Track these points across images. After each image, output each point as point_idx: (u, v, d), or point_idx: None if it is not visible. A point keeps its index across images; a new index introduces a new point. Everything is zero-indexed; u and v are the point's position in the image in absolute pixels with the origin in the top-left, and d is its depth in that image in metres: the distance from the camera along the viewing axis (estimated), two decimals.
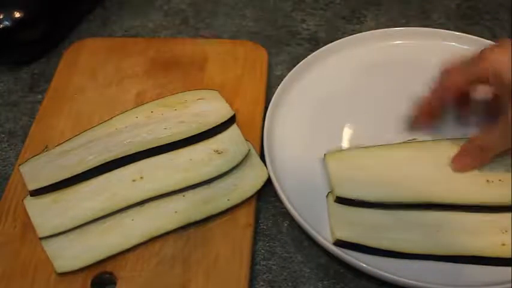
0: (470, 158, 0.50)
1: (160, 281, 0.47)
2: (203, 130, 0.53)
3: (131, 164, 0.52)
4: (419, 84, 0.60)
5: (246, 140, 0.54)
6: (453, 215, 0.49)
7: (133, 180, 0.51)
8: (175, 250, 0.49)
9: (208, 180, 0.52)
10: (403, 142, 0.54)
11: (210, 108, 0.55)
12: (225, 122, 0.54)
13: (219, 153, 0.53)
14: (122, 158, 0.52)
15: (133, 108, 0.57)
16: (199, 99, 0.56)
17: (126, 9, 0.74)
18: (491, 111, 0.51)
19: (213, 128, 0.54)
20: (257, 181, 0.52)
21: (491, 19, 0.69)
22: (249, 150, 0.53)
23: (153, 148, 0.52)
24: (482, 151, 0.49)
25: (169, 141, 0.53)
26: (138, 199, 0.50)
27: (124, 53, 0.65)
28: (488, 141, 0.49)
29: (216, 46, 0.65)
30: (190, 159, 0.52)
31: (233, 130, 0.55)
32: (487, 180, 0.50)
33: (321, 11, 0.72)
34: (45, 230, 0.49)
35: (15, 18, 0.63)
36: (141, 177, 0.51)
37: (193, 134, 0.53)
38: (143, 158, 0.52)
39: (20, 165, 0.53)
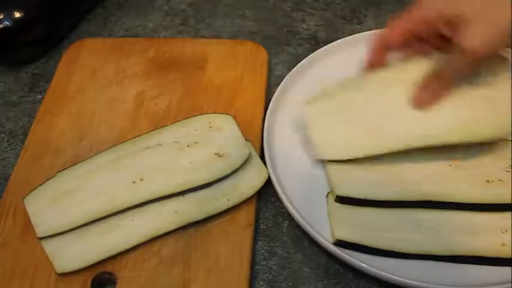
0: (429, 91, 0.52)
1: (160, 281, 0.47)
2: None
3: (132, 166, 0.52)
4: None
5: (246, 140, 0.54)
6: (453, 215, 0.49)
7: (134, 182, 0.51)
8: (175, 250, 0.49)
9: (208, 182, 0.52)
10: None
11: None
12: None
13: (219, 157, 0.52)
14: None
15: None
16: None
17: (126, 9, 0.74)
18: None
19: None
20: (257, 181, 0.52)
21: None
22: (250, 153, 0.53)
23: None
24: (438, 79, 0.51)
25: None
26: (138, 201, 0.50)
27: (124, 53, 0.65)
28: (446, 69, 0.51)
29: (216, 46, 0.65)
30: (191, 162, 0.52)
31: (234, 133, 0.54)
32: (487, 180, 0.50)
33: (321, 11, 0.72)
34: (45, 231, 0.49)
35: (15, 18, 0.63)
36: (141, 179, 0.51)
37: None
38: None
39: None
